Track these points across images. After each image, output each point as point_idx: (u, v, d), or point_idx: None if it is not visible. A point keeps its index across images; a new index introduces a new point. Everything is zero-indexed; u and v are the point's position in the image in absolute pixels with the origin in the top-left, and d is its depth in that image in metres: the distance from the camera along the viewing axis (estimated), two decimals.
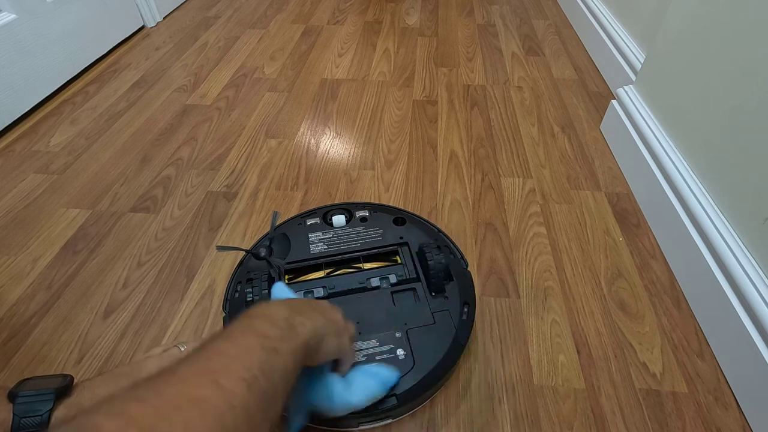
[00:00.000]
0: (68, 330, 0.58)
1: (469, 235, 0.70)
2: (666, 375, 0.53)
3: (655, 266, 0.65)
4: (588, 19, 1.19)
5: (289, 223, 0.64)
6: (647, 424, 0.49)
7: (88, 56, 1.12)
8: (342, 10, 1.44)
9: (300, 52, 1.21)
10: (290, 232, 0.61)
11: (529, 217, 0.73)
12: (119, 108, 1.00)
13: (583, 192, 0.77)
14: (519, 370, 0.54)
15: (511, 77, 1.09)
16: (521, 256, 0.67)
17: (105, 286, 0.63)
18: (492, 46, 1.23)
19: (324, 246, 0.59)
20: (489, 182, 0.79)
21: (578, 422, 0.49)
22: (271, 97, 1.03)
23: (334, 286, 0.55)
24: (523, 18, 1.37)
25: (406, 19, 1.38)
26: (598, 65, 1.12)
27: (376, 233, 0.61)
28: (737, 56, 0.57)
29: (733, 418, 0.50)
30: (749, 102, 0.54)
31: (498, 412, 0.50)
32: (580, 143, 0.88)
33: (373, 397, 0.43)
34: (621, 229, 0.71)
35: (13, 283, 0.64)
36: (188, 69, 1.13)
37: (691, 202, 0.62)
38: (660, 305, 0.60)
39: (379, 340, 0.49)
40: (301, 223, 0.63)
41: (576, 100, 1.01)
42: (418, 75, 1.11)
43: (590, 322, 0.58)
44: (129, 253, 0.67)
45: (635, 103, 0.80)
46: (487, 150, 0.87)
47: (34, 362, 0.55)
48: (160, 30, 1.32)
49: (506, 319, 0.59)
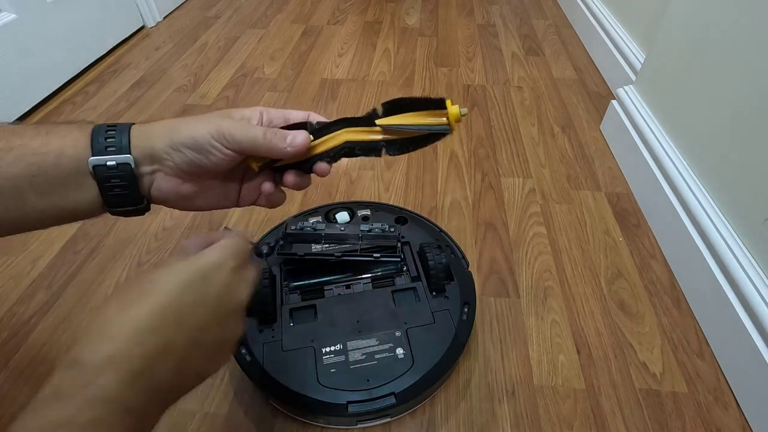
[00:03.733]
0: (68, 330, 0.58)
1: (469, 235, 0.70)
2: (666, 375, 0.53)
3: (655, 266, 0.65)
4: (588, 19, 1.19)
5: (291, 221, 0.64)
6: (647, 424, 0.49)
7: (88, 56, 1.12)
8: (342, 10, 1.44)
9: (300, 52, 1.21)
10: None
11: (529, 217, 0.73)
12: (119, 108, 1.00)
13: (583, 192, 0.77)
14: (519, 370, 0.54)
15: (511, 77, 1.09)
16: (521, 256, 0.67)
17: (105, 286, 0.63)
18: (492, 46, 1.23)
19: (326, 244, 0.59)
20: (489, 182, 0.79)
21: (578, 422, 0.49)
22: (271, 97, 1.03)
23: (332, 286, 0.55)
24: (523, 18, 1.37)
25: (406, 19, 1.38)
26: (598, 65, 1.12)
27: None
28: (737, 56, 0.57)
29: (733, 418, 0.50)
30: (749, 102, 0.54)
31: (498, 411, 0.50)
32: (580, 143, 0.88)
33: None
34: (621, 229, 0.71)
35: (13, 283, 0.64)
36: (188, 69, 1.13)
37: (691, 202, 0.62)
38: (660, 305, 0.60)
39: (378, 339, 0.49)
40: (304, 221, 0.63)
41: (576, 100, 1.01)
42: (418, 75, 1.11)
43: (590, 322, 0.58)
44: (129, 253, 0.67)
45: (635, 103, 0.80)
46: (487, 150, 0.87)
47: (34, 362, 0.55)
48: (160, 30, 1.32)
49: (506, 319, 0.59)
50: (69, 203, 0.30)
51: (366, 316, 0.51)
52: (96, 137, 0.30)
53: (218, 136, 0.30)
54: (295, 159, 0.33)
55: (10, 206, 0.29)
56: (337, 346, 0.49)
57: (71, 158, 0.29)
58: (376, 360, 0.48)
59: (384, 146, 0.32)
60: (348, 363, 0.47)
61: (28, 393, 0.52)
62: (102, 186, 0.30)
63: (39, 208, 0.29)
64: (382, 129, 0.32)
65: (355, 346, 0.49)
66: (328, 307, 0.52)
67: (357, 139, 0.32)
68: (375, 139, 0.32)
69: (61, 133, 0.30)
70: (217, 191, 0.35)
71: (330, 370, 0.47)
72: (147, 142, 0.31)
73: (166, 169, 0.31)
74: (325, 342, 0.49)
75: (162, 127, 0.31)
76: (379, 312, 0.52)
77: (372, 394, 0.45)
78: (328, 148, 0.33)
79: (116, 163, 0.30)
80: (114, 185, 0.30)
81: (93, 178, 0.30)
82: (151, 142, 0.31)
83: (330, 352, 0.48)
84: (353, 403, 0.45)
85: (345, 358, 0.48)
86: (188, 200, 0.33)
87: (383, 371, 0.47)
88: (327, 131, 0.33)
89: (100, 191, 0.31)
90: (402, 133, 0.32)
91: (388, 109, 0.32)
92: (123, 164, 0.30)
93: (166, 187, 0.32)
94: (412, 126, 0.31)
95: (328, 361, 0.48)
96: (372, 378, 0.46)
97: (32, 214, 0.29)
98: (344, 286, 0.55)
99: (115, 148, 0.30)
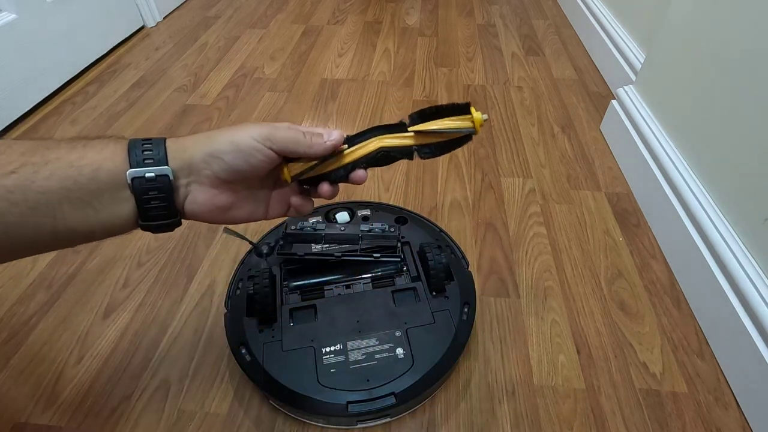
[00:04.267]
0: (68, 330, 0.58)
1: (468, 235, 0.70)
2: (666, 375, 0.53)
3: (655, 266, 0.65)
4: (588, 19, 1.19)
5: (291, 221, 0.64)
6: (647, 424, 0.49)
7: (88, 56, 1.12)
8: (342, 10, 1.44)
9: (300, 52, 1.21)
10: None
11: (529, 217, 0.73)
12: (119, 108, 1.00)
13: (583, 192, 0.77)
14: (519, 370, 0.54)
15: (511, 77, 1.09)
16: (521, 256, 0.67)
17: (105, 286, 0.63)
18: (492, 46, 1.23)
19: (326, 244, 0.59)
20: (489, 182, 0.79)
21: (578, 422, 0.49)
22: (271, 97, 1.03)
23: (332, 286, 0.55)
24: (523, 18, 1.37)
25: (406, 19, 1.38)
26: (598, 65, 1.12)
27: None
28: (737, 56, 0.57)
29: (733, 418, 0.50)
30: (749, 102, 0.54)
31: (498, 411, 0.50)
32: (580, 143, 0.88)
33: None
34: (621, 229, 0.71)
35: (13, 283, 0.64)
36: (188, 69, 1.13)
37: (691, 202, 0.62)
38: (660, 305, 0.60)
39: (378, 339, 0.49)
40: (304, 221, 0.63)
41: (576, 100, 1.01)
42: (418, 75, 1.11)
43: (590, 322, 0.58)
44: (129, 253, 0.67)
45: (635, 103, 0.80)
46: (487, 150, 0.87)
47: (34, 362, 0.55)
48: (160, 30, 1.32)
49: (506, 319, 0.59)
50: (104, 217, 0.30)
51: (366, 316, 0.51)
52: (133, 150, 0.30)
53: (261, 138, 0.32)
54: (328, 166, 0.35)
55: (40, 222, 0.28)
56: (337, 346, 0.49)
57: (109, 171, 0.29)
58: (376, 360, 0.48)
59: (416, 150, 0.35)
60: (348, 363, 0.47)
61: (28, 393, 0.52)
62: (139, 199, 0.30)
63: (70, 226, 0.29)
64: (414, 134, 0.34)
65: (355, 346, 0.49)
66: (328, 307, 0.52)
67: (391, 144, 0.34)
68: (408, 144, 0.34)
69: (98, 147, 0.30)
70: (250, 201, 0.36)
71: (330, 370, 0.47)
72: (183, 153, 0.31)
73: (202, 179, 0.32)
74: (325, 342, 0.49)
75: (197, 138, 0.33)
76: (379, 312, 0.52)
77: (372, 394, 0.45)
78: (363, 154, 0.35)
79: (155, 175, 0.30)
80: (152, 197, 0.31)
81: (131, 191, 0.30)
82: (187, 153, 0.32)
83: (330, 352, 0.48)
84: (353, 403, 0.45)
85: (345, 358, 0.48)
86: (223, 212, 0.34)
87: (383, 371, 0.47)
88: (361, 139, 0.35)
89: (137, 204, 0.31)
90: (433, 137, 0.34)
91: (416, 117, 0.34)
92: (162, 176, 0.30)
93: (201, 199, 0.33)
94: (442, 130, 0.33)
95: (328, 361, 0.48)
96: (372, 378, 0.46)
97: (63, 232, 0.29)
98: (344, 286, 0.55)
99: (153, 161, 0.30)
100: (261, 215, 0.37)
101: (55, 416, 0.50)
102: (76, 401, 0.51)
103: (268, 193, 0.37)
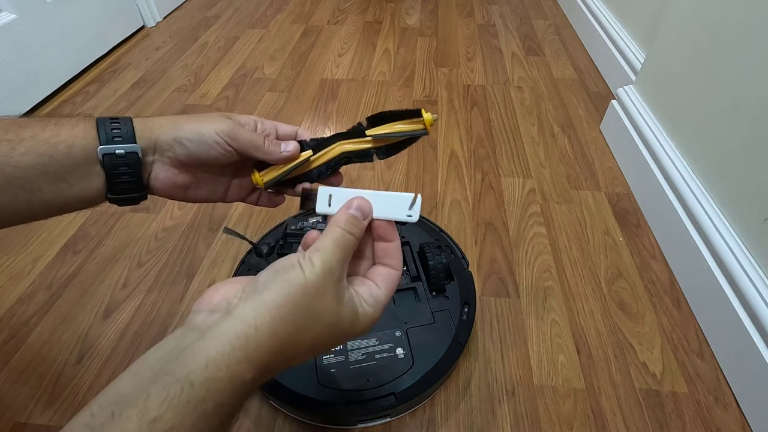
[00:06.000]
0: (68, 330, 0.58)
1: (468, 234, 0.70)
2: (666, 375, 0.53)
3: (655, 266, 0.65)
4: (588, 19, 1.19)
5: (291, 221, 0.64)
6: (647, 424, 0.49)
7: (88, 56, 1.12)
8: (342, 10, 1.44)
9: (300, 52, 1.21)
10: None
11: (529, 217, 0.73)
12: (119, 108, 0.99)
13: (583, 192, 0.77)
14: (519, 370, 0.54)
15: (511, 77, 1.09)
16: (521, 256, 0.67)
17: (105, 286, 0.63)
18: (492, 46, 1.23)
19: None
20: (489, 182, 0.79)
21: (578, 422, 0.49)
22: (271, 97, 1.03)
23: None
24: (523, 18, 1.37)
25: (406, 19, 1.38)
26: (598, 65, 1.12)
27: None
28: (737, 56, 0.57)
29: (733, 418, 0.50)
30: (749, 102, 0.54)
31: (498, 411, 0.50)
32: (580, 143, 0.88)
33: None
34: (621, 229, 0.71)
35: (13, 283, 0.64)
36: (188, 69, 1.13)
37: (691, 202, 0.62)
38: (660, 305, 0.60)
39: (378, 339, 0.49)
40: (304, 221, 0.63)
41: (576, 100, 1.01)
42: (418, 75, 1.11)
43: (590, 322, 0.58)
44: (129, 253, 0.67)
45: (635, 103, 0.80)
46: (487, 150, 0.87)
47: (34, 362, 0.55)
48: (160, 30, 1.32)
49: (506, 319, 0.59)
50: (77, 191, 0.32)
51: None
52: (102, 127, 0.32)
53: (224, 135, 0.34)
54: (299, 171, 0.38)
55: (18, 196, 0.30)
56: (337, 346, 0.49)
57: (82, 147, 0.31)
58: (376, 360, 0.48)
59: (374, 152, 0.38)
60: (348, 363, 0.47)
61: (27, 393, 0.52)
62: (110, 173, 0.32)
63: (46, 198, 0.31)
64: (372, 138, 0.37)
65: (355, 346, 0.49)
66: None
67: (352, 149, 0.38)
68: (367, 147, 0.38)
69: (69, 125, 0.32)
70: (208, 184, 0.38)
71: (330, 370, 0.47)
72: (150, 133, 0.33)
73: (165, 159, 0.34)
74: None
75: (164, 121, 0.34)
76: None
77: (372, 394, 0.45)
78: (327, 159, 0.39)
79: (125, 151, 0.32)
80: (122, 173, 0.33)
81: (101, 166, 0.32)
82: (154, 133, 0.33)
83: (330, 352, 0.48)
84: (353, 403, 0.45)
85: (345, 358, 0.48)
86: (182, 190, 0.36)
87: (383, 371, 0.47)
88: (325, 145, 0.38)
89: (107, 179, 0.33)
90: (389, 140, 0.37)
91: (372, 121, 0.37)
92: (131, 153, 0.32)
93: (163, 176, 0.35)
94: (397, 133, 0.37)
95: (328, 361, 0.48)
96: (372, 378, 0.46)
97: (38, 204, 0.31)
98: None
99: (122, 138, 0.32)
100: (219, 198, 0.39)
101: (55, 416, 0.50)
102: (76, 401, 0.51)
103: (228, 179, 0.39)
